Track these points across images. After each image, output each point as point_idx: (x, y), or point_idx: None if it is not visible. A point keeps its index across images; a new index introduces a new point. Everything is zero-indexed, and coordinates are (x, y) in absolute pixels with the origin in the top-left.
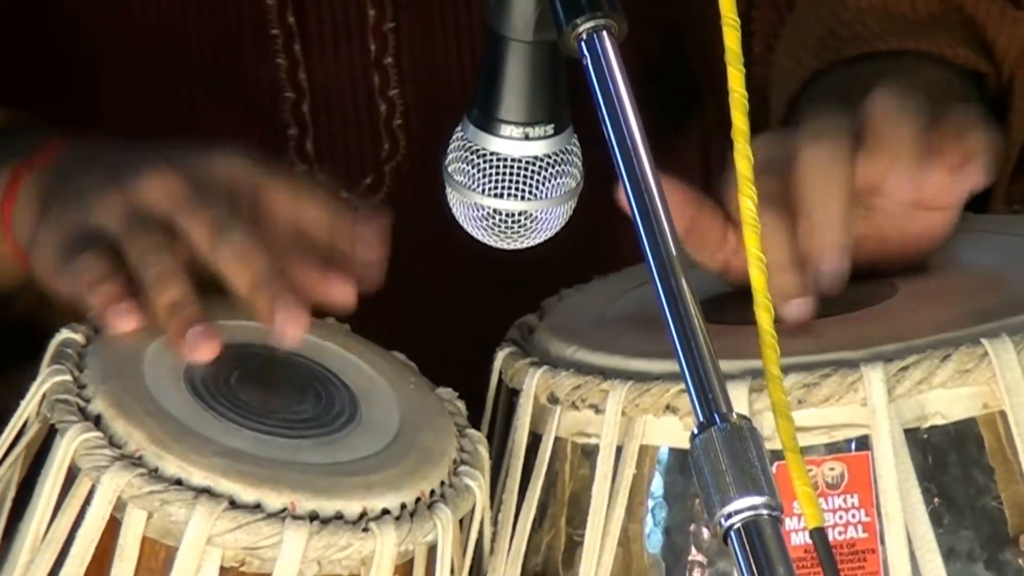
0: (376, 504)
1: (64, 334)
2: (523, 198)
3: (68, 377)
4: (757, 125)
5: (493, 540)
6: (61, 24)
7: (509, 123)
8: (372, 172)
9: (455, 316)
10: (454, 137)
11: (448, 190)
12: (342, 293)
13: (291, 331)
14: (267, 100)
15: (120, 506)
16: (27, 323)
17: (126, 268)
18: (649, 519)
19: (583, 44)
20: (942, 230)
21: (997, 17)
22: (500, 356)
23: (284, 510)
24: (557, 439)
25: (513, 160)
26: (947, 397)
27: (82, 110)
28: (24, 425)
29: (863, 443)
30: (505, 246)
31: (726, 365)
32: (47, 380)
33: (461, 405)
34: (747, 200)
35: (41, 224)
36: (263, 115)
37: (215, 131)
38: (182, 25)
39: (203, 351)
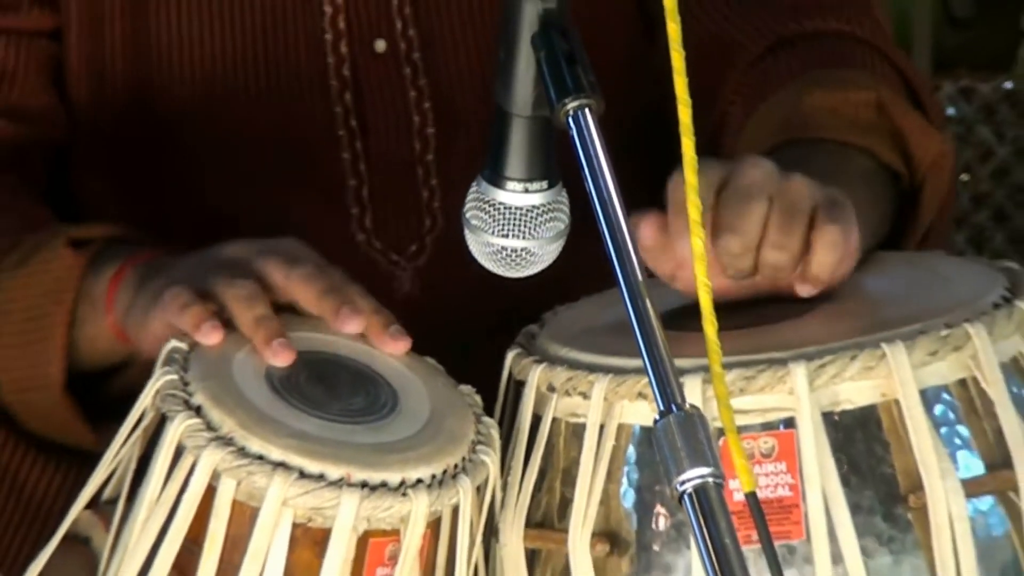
0: (412, 475)
1: (172, 343)
2: (524, 238)
3: (175, 376)
4: None
5: (503, 501)
6: (171, 133)
7: (513, 180)
8: (417, 242)
9: (477, 328)
10: (471, 191)
11: (466, 232)
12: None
13: (349, 327)
14: (335, 187)
15: (215, 476)
16: (128, 394)
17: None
18: (624, 480)
19: (570, 119)
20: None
21: (919, 132)
22: (510, 356)
23: (341, 479)
24: (554, 419)
25: (516, 208)
26: (854, 388)
27: (189, 198)
28: (141, 414)
29: (789, 423)
30: (511, 275)
31: (683, 362)
32: (159, 379)
33: (478, 398)
34: (697, 240)
35: (136, 298)
36: (332, 199)
37: (296, 215)
38: (269, 132)
39: (283, 357)
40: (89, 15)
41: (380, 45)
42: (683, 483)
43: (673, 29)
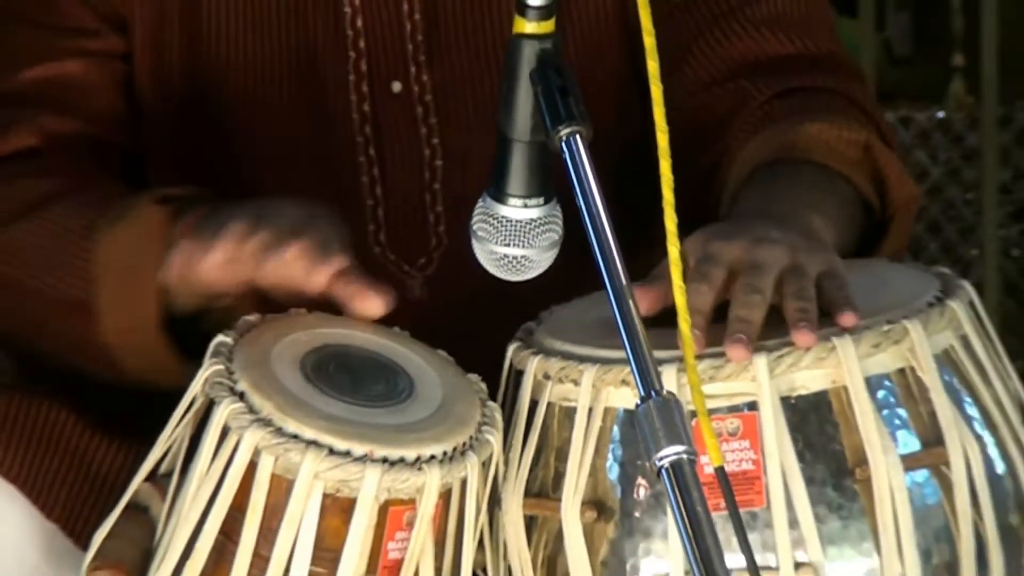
0: (427, 452)
1: (219, 338)
2: (523, 247)
3: (222, 367)
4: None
5: (505, 474)
6: (219, 142)
7: (514, 196)
8: (425, 255)
9: (481, 325)
10: (477, 206)
11: (473, 242)
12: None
13: (372, 308)
14: (355, 205)
15: (256, 453)
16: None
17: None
18: (610, 456)
19: (563, 143)
20: None
21: (897, 177)
22: (511, 349)
23: (365, 456)
24: (549, 404)
25: (517, 221)
26: (808, 376)
27: (231, 194)
28: (192, 399)
29: (752, 406)
30: (512, 279)
31: (661, 354)
32: (208, 368)
33: (483, 386)
34: (673, 248)
35: (200, 230)
36: (352, 215)
37: None
38: (301, 150)
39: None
40: (152, 41)
41: (396, 86)
42: (661, 458)
43: (655, 91)
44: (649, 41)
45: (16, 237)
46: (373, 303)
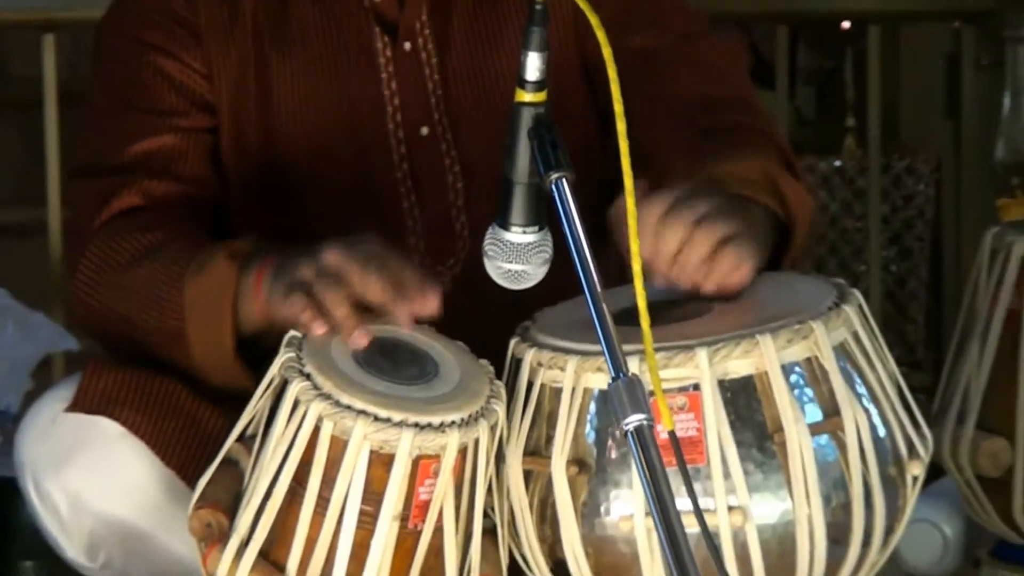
0: (448, 418)
1: (291, 333)
2: (523, 263)
3: (293, 355)
4: None
5: (507, 437)
6: (286, 187)
7: (515, 225)
8: (453, 257)
9: (492, 321)
10: (487, 234)
11: (485, 260)
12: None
13: (427, 308)
14: (399, 224)
15: (319, 420)
16: (268, 350)
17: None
18: (588, 425)
19: (553, 185)
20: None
21: (792, 190)
22: (512, 342)
23: (402, 422)
24: (541, 385)
25: (518, 244)
26: (738, 364)
27: (297, 228)
28: (271, 379)
29: (696, 387)
30: (514, 288)
31: (627, 347)
32: (283, 356)
33: (491, 368)
34: (634, 243)
35: (272, 292)
36: (397, 232)
37: None
38: (354, 186)
39: (359, 342)
40: (233, 118)
41: (424, 130)
42: (627, 424)
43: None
44: (615, 89)
45: (127, 282)
46: (431, 303)
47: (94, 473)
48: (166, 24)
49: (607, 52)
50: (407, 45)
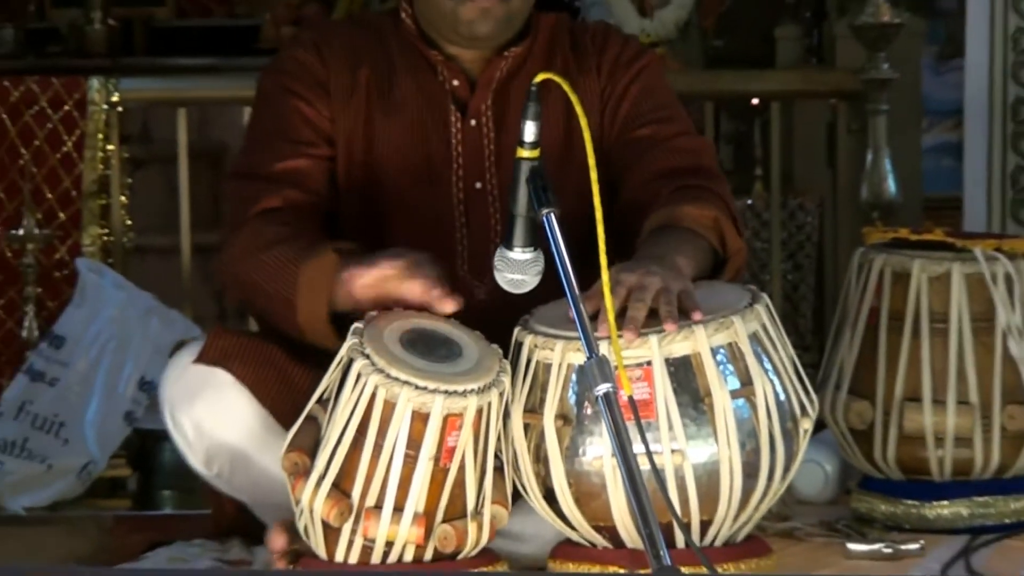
0: (469, 387)
1: (356, 325)
2: (522, 274)
3: (356, 340)
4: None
5: (512, 399)
6: (376, 210)
7: (516, 247)
8: (488, 274)
9: (501, 316)
10: (496, 253)
11: (494, 272)
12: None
13: (447, 308)
14: (453, 250)
15: (375, 388)
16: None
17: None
18: (570, 390)
19: (544, 218)
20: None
21: (732, 237)
22: (516, 330)
23: (435, 389)
24: (536, 361)
25: (518, 260)
26: (679, 347)
27: (378, 240)
28: (340, 358)
29: (649, 363)
30: (515, 292)
31: (599, 335)
32: (349, 341)
33: (500, 350)
34: (605, 278)
35: (354, 278)
36: (451, 254)
37: None
38: (425, 218)
39: (449, 306)
40: (346, 155)
41: (478, 185)
42: (598, 391)
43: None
44: (593, 175)
45: (263, 259)
46: (451, 305)
47: (210, 408)
48: (307, 81)
49: (589, 150)
50: (472, 122)
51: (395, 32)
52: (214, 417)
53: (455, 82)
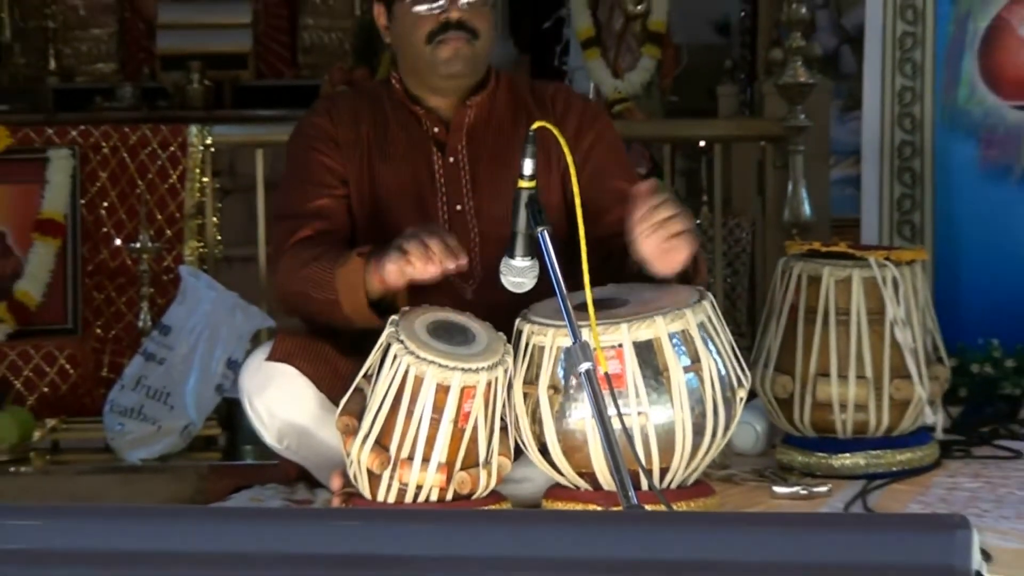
0: (481, 365)
1: (392, 317)
2: (522, 278)
3: (393, 329)
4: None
5: (514, 374)
6: (382, 228)
7: (518, 256)
8: (472, 279)
9: (485, 311)
10: (502, 262)
11: (500, 276)
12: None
13: (451, 267)
14: (451, 276)
15: (408, 367)
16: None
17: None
18: (559, 367)
19: (540, 235)
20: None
21: (702, 265)
22: (517, 321)
23: (455, 367)
24: (532, 344)
25: (520, 267)
26: (644, 332)
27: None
28: (380, 343)
29: (620, 346)
30: (516, 292)
31: (581, 323)
32: (387, 330)
33: (504, 337)
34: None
35: (380, 260)
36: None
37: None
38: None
39: (459, 264)
40: (355, 193)
41: (458, 207)
42: (581, 368)
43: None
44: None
45: (304, 274)
46: (454, 262)
47: (279, 395)
48: (323, 138)
49: (574, 180)
50: (451, 159)
51: (388, 94)
52: (282, 402)
53: (435, 129)
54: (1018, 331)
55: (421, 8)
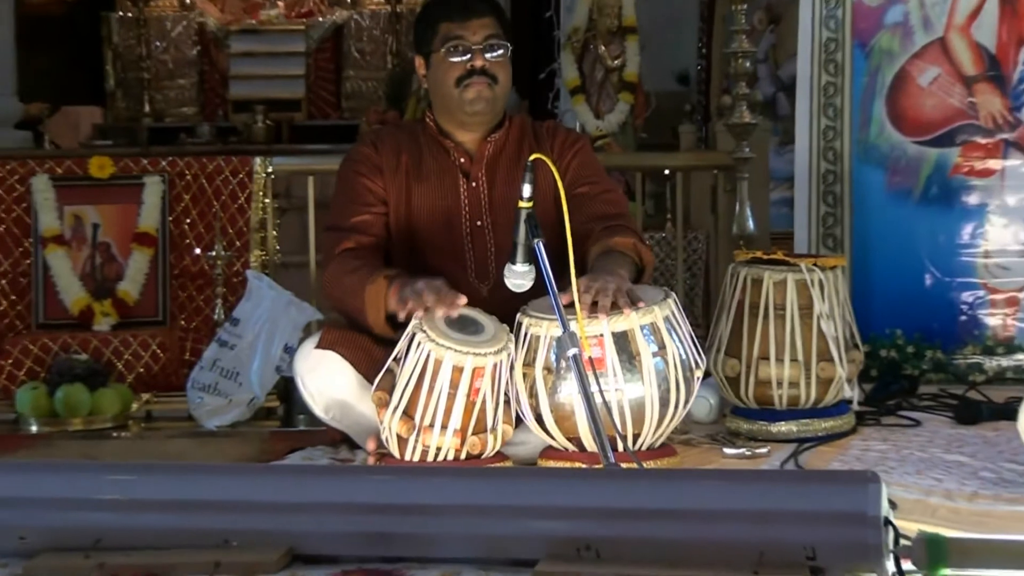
0: (489, 350)
1: (418, 312)
2: (522, 280)
3: (418, 322)
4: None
5: (515, 358)
6: (413, 245)
7: (518, 263)
8: (489, 280)
9: (497, 306)
10: (506, 267)
11: (504, 278)
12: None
13: (453, 311)
14: (464, 268)
15: (429, 353)
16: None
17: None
18: (552, 352)
19: (536, 245)
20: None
21: (646, 256)
22: (518, 315)
23: (467, 352)
24: (530, 334)
25: (520, 271)
26: (620, 325)
27: (415, 263)
28: (407, 333)
29: (601, 335)
30: (517, 291)
31: (570, 318)
32: (413, 322)
33: (507, 328)
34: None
35: (397, 297)
36: (463, 271)
37: (449, 275)
38: (445, 248)
39: (454, 309)
40: (394, 211)
41: (479, 223)
42: (569, 353)
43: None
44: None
45: (345, 282)
46: (454, 305)
47: (326, 376)
48: (368, 165)
49: (563, 198)
50: (474, 184)
51: (423, 131)
52: (328, 381)
53: (461, 159)
54: (916, 323)
55: (452, 59)
